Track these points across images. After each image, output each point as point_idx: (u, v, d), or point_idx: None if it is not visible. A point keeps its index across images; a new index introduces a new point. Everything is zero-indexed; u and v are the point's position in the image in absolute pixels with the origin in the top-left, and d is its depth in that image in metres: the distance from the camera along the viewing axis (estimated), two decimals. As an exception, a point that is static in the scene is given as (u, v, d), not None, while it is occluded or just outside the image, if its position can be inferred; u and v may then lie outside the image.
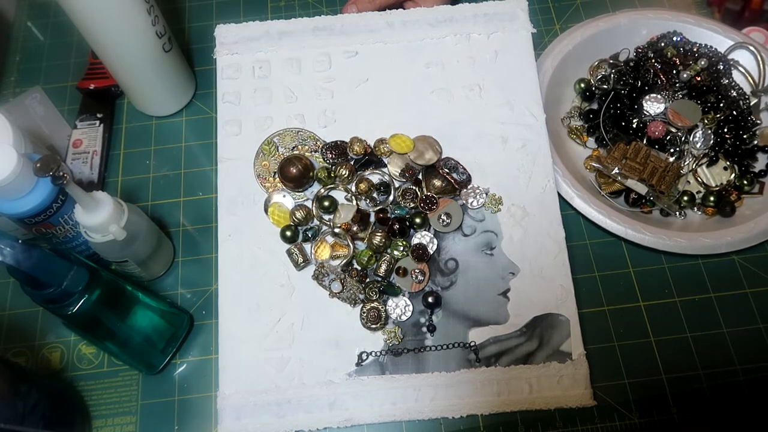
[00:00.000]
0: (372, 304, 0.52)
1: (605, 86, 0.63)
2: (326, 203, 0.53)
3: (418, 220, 0.53)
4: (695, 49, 0.63)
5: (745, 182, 0.58)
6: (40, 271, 0.42)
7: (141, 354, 0.53)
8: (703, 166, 0.59)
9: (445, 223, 0.53)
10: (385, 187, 0.55)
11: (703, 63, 0.61)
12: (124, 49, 0.57)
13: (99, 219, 0.47)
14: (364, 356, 0.51)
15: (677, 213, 0.59)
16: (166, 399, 0.54)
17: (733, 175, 0.59)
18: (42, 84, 0.68)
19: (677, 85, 0.61)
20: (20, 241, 0.41)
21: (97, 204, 0.47)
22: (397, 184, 0.55)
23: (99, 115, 0.65)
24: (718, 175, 0.59)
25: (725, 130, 0.59)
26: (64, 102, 0.68)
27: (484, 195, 0.55)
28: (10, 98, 0.67)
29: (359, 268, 0.53)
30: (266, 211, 0.54)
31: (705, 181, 0.59)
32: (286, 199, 0.55)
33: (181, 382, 0.55)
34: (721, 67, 0.62)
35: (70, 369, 0.55)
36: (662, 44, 0.63)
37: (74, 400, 0.53)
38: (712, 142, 0.58)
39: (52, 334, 0.57)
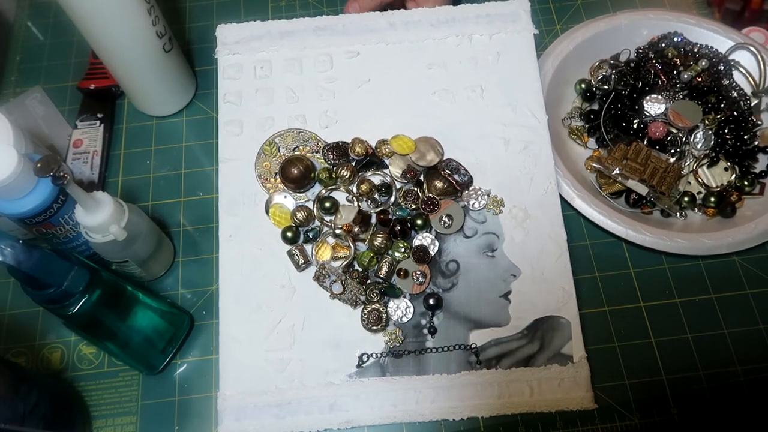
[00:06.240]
0: (373, 306, 0.51)
1: (606, 87, 0.63)
2: (327, 204, 0.53)
3: (419, 222, 0.53)
4: (696, 50, 0.63)
5: (746, 183, 0.58)
6: (40, 271, 0.42)
7: (141, 354, 0.53)
8: (704, 167, 0.59)
9: (446, 224, 0.53)
10: (386, 189, 0.55)
11: (703, 63, 0.61)
12: (124, 49, 0.57)
13: (99, 219, 0.47)
14: (364, 358, 0.51)
15: (678, 214, 0.59)
16: (167, 399, 0.54)
17: (734, 175, 0.59)
18: (42, 84, 0.68)
19: (678, 85, 0.61)
20: (21, 242, 0.41)
21: (98, 204, 0.47)
22: (398, 186, 0.55)
23: (99, 115, 0.65)
24: (718, 175, 0.59)
25: (726, 130, 0.59)
26: (64, 102, 0.68)
27: (486, 197, 0.54)
28: (10, 98, 0.67)
29: (360, 269, 0.53)
30: (267, 211, 0.54)
31: (706, 182, 0.59)
32: (287, 200, 0.55)
33: (181, 382, 0.54)
34: (722, 67, 0.62)
35: (70, 369, 0.55)
36: (663, 45, 0.63)
37: (74, 400, 0.53)
38: (712, 142, 0.58)
39: (52, 335, 0.57)
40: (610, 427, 0.52)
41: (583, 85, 0.64)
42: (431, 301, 0.52)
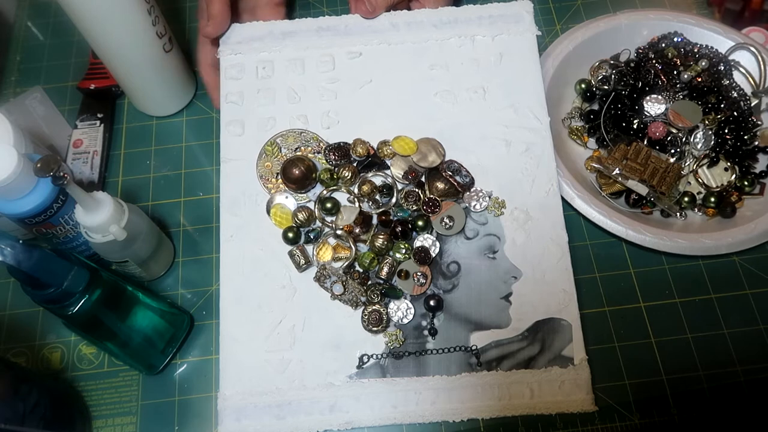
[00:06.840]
0: (373, 307, 0.51)
1: (606, 87, 0.63)
2: (329, 205, 0.53)
3: (420, 223, 0.53)
4: (696, 50, 0.63)
5: (746, 183, 0.58)
6: (40, 271, 0.42)
7: (141, 354, 0.53)
8: (704, 167, 0.59)
9: (447, 226, 0.53)
10: (387, 190, 0.55)
11: (703, 64, 0.61)
12: (124, 50, 0.57)
13: (99, 219, 0.47)
14: (365, 359, 0.51)
15: (678, 214, 0.59)
16: (167, 399, 0.54)
17: (734, 176, 0.59)
18: (42, 84, 0.68)
19: (678, 85, 0.61)
20: (21, 242, 0.41)
21: (98, 204, 0.47)
22: (399, 187, 0.55)
23: (99, 115, 0.65)
24: (718, 176, 0.59)
25: (726, 130, 0.59)
26: (64, 102, 0.68)
27: (487, 198, 0.54)
28: (10, 98, 0.67)
29: (361, 270, 0.53)
30: (268, 212, 0.54)
31: (706, 182, 0.59)
32: (288, 201, 0.55)
33: (181, 382, 0.54)
34: (722, 67, 0.62)
35: (70, 369, 0.55)
36: (663, 45, 0.63)
37: (74, 400, 0.53)
38: (712, 143, 0.58)
39: (52, 335, 0.57)
40: (610, 428, 0.52)
41: (583, 85, 0.64)
42: (432, 303, 0.52)
